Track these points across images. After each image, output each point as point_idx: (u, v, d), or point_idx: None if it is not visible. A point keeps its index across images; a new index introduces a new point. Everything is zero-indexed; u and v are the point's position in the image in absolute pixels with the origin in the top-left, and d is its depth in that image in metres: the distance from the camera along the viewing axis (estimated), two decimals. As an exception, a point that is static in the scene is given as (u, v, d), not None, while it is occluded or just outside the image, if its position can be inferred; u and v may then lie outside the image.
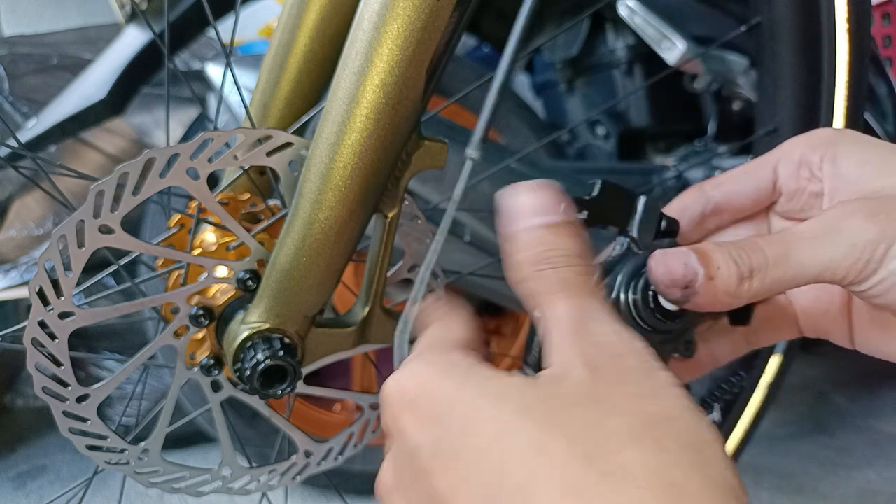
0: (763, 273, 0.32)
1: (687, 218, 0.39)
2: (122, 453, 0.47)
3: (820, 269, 0.32)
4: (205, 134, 0.41)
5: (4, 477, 1.29)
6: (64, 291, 0.41)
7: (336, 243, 0.42)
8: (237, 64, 0.87)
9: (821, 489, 1.10)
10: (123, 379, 0.45)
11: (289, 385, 0.43)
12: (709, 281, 0.32)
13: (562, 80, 1.16)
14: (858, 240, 0.31)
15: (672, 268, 0.32)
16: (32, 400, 1.47)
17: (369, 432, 0.54)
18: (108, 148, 1.33)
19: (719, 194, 0.39)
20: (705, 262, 0.32)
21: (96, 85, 0.78)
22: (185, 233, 0.51)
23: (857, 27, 0.63)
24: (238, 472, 0.51)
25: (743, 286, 0.32)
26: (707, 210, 0.39)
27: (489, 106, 0.39)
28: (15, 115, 1.31)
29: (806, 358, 1.60)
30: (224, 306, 0.46)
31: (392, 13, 0.38)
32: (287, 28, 0.52)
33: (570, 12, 1.08)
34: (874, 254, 0.31)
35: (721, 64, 0.88)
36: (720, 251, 0.32)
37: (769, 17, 0.65)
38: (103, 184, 0.40)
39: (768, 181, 0.39)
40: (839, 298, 0.39)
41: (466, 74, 1.06)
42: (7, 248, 1.25)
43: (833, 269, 0.31)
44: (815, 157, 0.37)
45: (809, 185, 0.37)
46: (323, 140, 0.40)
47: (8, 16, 2.40)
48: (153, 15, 0.80)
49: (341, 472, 1.11)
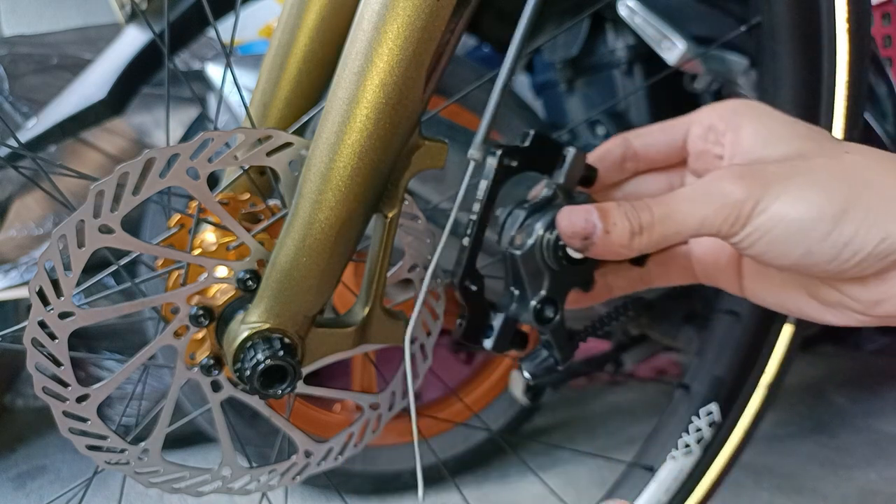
0: (651, 229, 0.37)
1: (609, 160, 0.45)
2: (122, 453, 0.47)
3: (697, 225, 0.37)
4: (205, 134, 0.41)
5: (4, 477, 1.29)
6: (64, 291, 0.41)
7: (336, 243, 0.42)
8: (237, 64, 0.87)
9: (821, 489, 1.10)
10: (123, 379, 0.45)
11: (289, 385, 0.43)
12: (605, 234, 0.37)
13: (562, 80, 1.16)
14: (727, 199, 0.36)
15: (575, 221, 0.38)
16: (32, 400, 1.47)
17: (369, 432, 0.54)
18: (108, 148, 1.33)
19: (638, 143, 0.45)
20: (604, 218, 0.37)
21: (96, 85, 0.78)
22: (185, 233, 0.51)
23: (857, 27, 0.63)
24: (238, 472, 0.51)
25: (634, 240, 0.37)
26: (627, 155, 0.45)
27: (491, 107, 0.39)
28: (15, 115, 1.31)
29: (806, 358, 1.60)
30: (224, 306, 0.45)
31: (392, 13, 0.38)
32: (287, 28, 0.52)
33: (570, 12, 1.08)
34: (742, 210, 0.36)
35: (721, 64, 0.88)
36: (618, 209, 0.38)
37: (769, 17, 0.65)
38: (103, 184, 0.40)
39: (680, 139, 0.44)
40: (729, 251, 0.45)
41: (466, 74, 1.06)
42: (7, 248, 1.25)
43: (708, 224, 0.36)
44: (720, 125, 0.42)
45: (714, 148, 0.43)
46: (323, 140, 0.40)
47: (8, 16, 2.40)
48: (153, 15, 0.80)
49: (341, 472, 1.11)
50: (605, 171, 0.45)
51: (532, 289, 0.42)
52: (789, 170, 0.36)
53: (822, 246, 0.35)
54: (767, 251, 0.36)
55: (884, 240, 0.34)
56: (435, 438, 1.17)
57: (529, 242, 0.41)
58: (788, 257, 0.36)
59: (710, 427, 0.72)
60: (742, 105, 0.42)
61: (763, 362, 0.72)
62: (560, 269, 0.41)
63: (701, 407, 0.72)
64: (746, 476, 1.14)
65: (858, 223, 0.34)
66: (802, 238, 0.35)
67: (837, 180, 0.35)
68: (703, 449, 0.72)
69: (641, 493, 0.72)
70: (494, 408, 1.23)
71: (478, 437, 1.19)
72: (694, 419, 0.72)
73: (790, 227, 0.35)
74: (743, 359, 0.72)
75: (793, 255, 0.36)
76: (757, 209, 0.35)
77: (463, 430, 1.19)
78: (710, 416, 0.72)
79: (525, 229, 0.41)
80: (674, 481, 0.72)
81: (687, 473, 0.72)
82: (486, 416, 1.22)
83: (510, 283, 0.43)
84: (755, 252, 0.37)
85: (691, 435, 0.72)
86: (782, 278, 0.42)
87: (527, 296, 0.42)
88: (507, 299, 0.43)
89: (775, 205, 0.35)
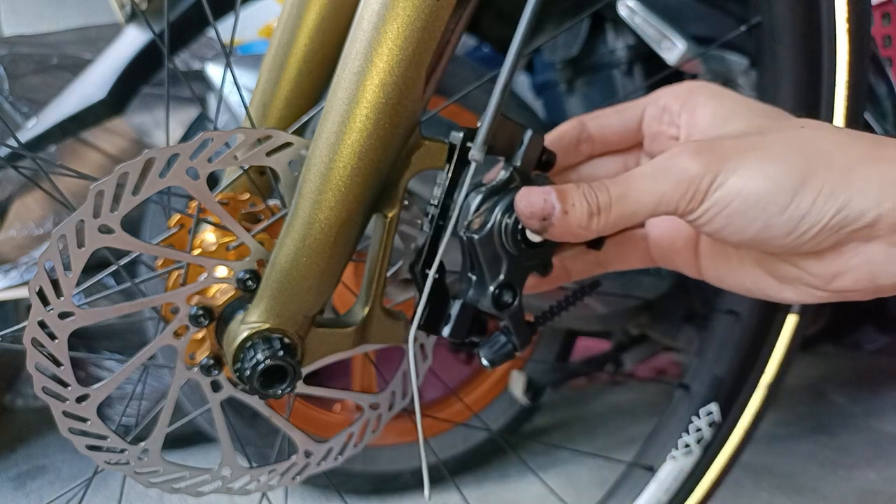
0: (608, 209, 0.37)
1: (565, 142, 0.45)
2: (122, 453, 0.47)
3: (655, 203, 0.36)
4: (205, 134, 0.41)
5: (4, 477, 1.29)
6: (64, 291, 0.41)
7: (336, 243, 0.42)
8: (237, 64, 0.87)
9: (821, 489, 1.10)
10: (123, 379, 0.45)
11: (289, 385, 0.43)
12: (564, 215, 0.37)
13: (562, 80, 1.16)
14: (684, 175, 0.35)
15: (533, 202, 0.37)
16: (32, 400, 1.47)
17: (369, 432, 0.54)
18: (108, 148, 1.33)
19: (593, 126, 0.45)
20: (562, 199, 0.37)
21: (96, 85, 0.78)
22: (185, 233, 0.51)
23: (857, 27, 0.63)
24: (238, 472, 0.51)
25: (592, 221, 0.37)
26: (582, 137, 0.45)
27: (492, 108, 0.39)
28: (15, 115, 1.31)
29: (806, 358, 1.60)
30: (224, 306, 0.45)
31: (392, 13, 0.38)
32: (287, 28, 0.52)
33: (570, 12, 1.08)
34: (699, 186, 0.35)
35: (721, 64, 0.88)
36: (576, 190, 0.37)
37: (769, 17, 0.65)
38: (103, 184, 0.40)
39: (635, 121, 0.44)
40: (686, 232, 0.45)
41: (466, 74, 1.06)
42: (7, 248, 1.25)
43: (666, 201, 0.36)
44: (675, 105, 0.42)
45: (668, 129, 0.43)
46: (323, 140, 0.40)
47: (8, 16, 2.40)
48: (153, 15, 0.80)
49: (341, 472, 1.11)
50: (562, 154, 0.45)
51: (490, 274, 0.41)
52: (746, 144, 0.36)
53: (779, 219, 0.35)
54: (725, 226, 0.36)
55: (839, 210, 0.34)
56: (435, 438, 1.17)
57: (488, 226, 0.40)
58: (746, 232, 0.36)
59: (710, 427, 0.72)
60: (698, 86, 0.42)
61: (763, 362, 0.72)
62: (518, 254, 0.41)
63: (701, 407, 0.72)
64: (746, 476, 1.14)
65: (815, 195, 0.34)
66: (760, 212, 0.35)
67: (794, 153, 0.35)
68: (703, 449, 0.72)
69: (641, 493, 0.72)
70: (494, 408, 1.23)
71: (478, 437, 1.19)
72: (694, 419, 0.72)
73: (748, 201, 0.35)
74: (743, 359, 0.72)
75: (750, 229, 0.36)
76: (714, 184, 0.35)
77: (463, 430, 1.19)
78: (710, 416, 0.72)
79: (483, 213, 0.41)
80: (674, 481, 0.72)
81: (687, 473, 0.72)
82: (486, 416, 1.22)
83: (468, 269, 0.42)
84: (713, 228, 0.37)
85: (691, 435, 0.72)
86: (739, 257, 0.42)
87: (485, 281, 0.41)
88: (465, 285, 0.42)
89: (732, 178, 0.35)
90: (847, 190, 0.34)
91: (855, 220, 0.34)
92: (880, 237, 0.35)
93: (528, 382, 1.15)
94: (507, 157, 0.42)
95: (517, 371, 1.17)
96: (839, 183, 0.34)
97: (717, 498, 0.74)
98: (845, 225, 0.34)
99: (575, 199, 0.37)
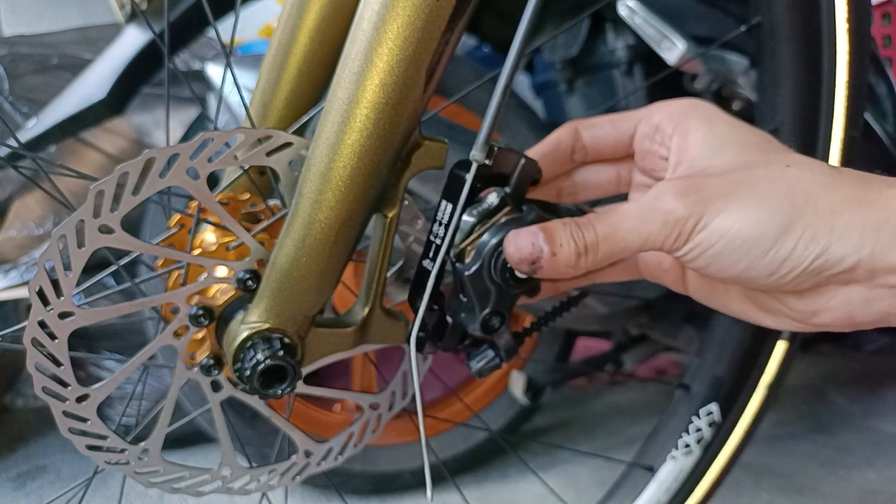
0: (596, 248, 0.38)
1: (560, 153, 0.46)
2: (122, 453, 0.47)
3: (641, 243, 0.37)
4: (205, 134, 0.41)
5: (4, 477, 1.29)
6: (64, 291, 0.41)
7: (336, 243, 0.42)
8: (237, 64, 0.87)
9: (821, 489, 1.10)
10: (123, 379, 0.45)
11: (289, 385, 0.43)
12: (552, 257, 0.38)
13: (562, 80, 1.16)
14: (670, 217, 0.36)
15: (522, 247, 0.38)
16: (32, 400, 1.47)
17: (369, 432, 0.54)
18: (108, 148, 1.33)
19: (587, 136, 0.46)
20: (550, 241, 0.38)
21: (96, 85, 0.78)
22: (185, 233, 0.51)
23: (857, 27, 0.63)
24: (238, 472, 0.51)
25: (580, 260, 0.38)
26: (576, 147, 0.46)
27: (493, 108, 0.39)
28: (15, 115, 1.31)
29: (806, 358, 1.60)
30: (224, 306, 0.45)
31: (392, 13, 0.38)
32: (287, 28, 0.52)
33: (570, 12, 1.08)
34: (684, 227, 0.36)
35: (721, 64, 0.88)
36: (563, 230, 0.38)
37: (769, 17, 0.65)
38: (103, 184, 0.40)
39: (627, 136, 0.45)
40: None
41: (466, 74, 1.06)
42: (7, 248, 1.25)
43: (651, 241, 0.37)
44: (668, 127, 0.42)
45: (659, 149, 0.43)
46: (323, 140, 0.40)
47: (8, 16, 2.40)
48: (153, 15, 0.80)
49: (341, 472, 1.11)
50: (555, 162, 0.45)
51: (479, 305, 0.42)
52: (731, 185, 0.36)
53: (761, 262, 0.36)
54: (709, 265, 0.37)
55: (819, 255, 0.35)
56: (435, 438, 1.17)
57: (476, 266, 0.41)
58: (729, 271, 0.37)
59: (710, 427, 0.72)
60: (692, 107, 0.42)
61: (763, 362, 0.72)
62: (507, 287, 0.42)
63: (701, 407, 0.72)
64: (746, 476, 1.14)
65: (796, 240, 0.35)
66: (743, 254, 0.36)
67: (779, 195, 0.35)
68: (703, 449, 0.72)
69: (641, 493, 0.72)
70: (494, 408, 1.23)
71: (478, 437, 1.19)
72: (694, 419, 0.72)
73: (731, 244, 0.36)
74: (743, 359, 0.72)
75: (733, 269, 0.36)
76: (699, 225, 0.36)
77: (463, 430, 1.19)
78: (710, 416, 0.72)
79: (475, 245, 0.41)
80: (674, 481, 0.72)
81: (687, 473, 0.72)
82: (486, 416, 1.22)
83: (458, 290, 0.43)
84: (697, 266, 0.37)
85: (691, 435, 0.72)
86: (725, 286, 0.43)
87: (474, 310, 0.42)
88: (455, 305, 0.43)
89: (716, 220, 0.36)
90: (828, 236, 0.35)
91: (834, 266, 0.35)
92: (858, 281, 0.36)
93: (528, 382, 1.15)
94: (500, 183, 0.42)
95: (517, 371, 1.17)
96: (821, 228, 0.35)
97: (717, 498, 0.74)
98: (825, 269, 0.35)
99: (563, 240, 0.38)
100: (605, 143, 0.46)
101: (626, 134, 0.45)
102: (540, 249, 0.38)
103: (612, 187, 0.48)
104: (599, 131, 0.45)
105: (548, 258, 0.37)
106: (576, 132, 0.46)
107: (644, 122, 0.44)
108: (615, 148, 0.46)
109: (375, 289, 0.45)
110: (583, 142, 0.46)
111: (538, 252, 0.38)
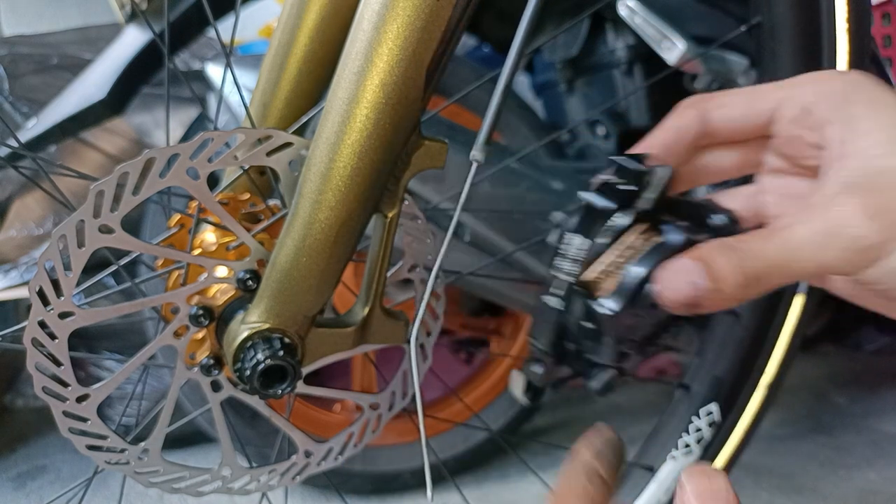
0: (767, 279, 0.32)
1: (684, 144, 0.39)
2: (122, 453, 0.47)
3: (815, 270, 0.32)
4: (205, 134, 0.41)
5: (4, 477, 1.29)
6: (64, 291, 0.41)
7: (336, 243, 0.42)
8: (237, 64, 0.87)
9: (821, 489, 1.10)
10: (123, 379, 0.45)
11: (289, 385, 0.43)
12: (715, 293, 0.31)
13: (562, 80, 1.16)
14: (856, 245, 0.31)
15: (680, 288, 0.32)
16: (32, 400, 1.47)
17: (369, 432, 0.54)
18: (108, 148, 1.33)
19: (717, 117, 0.39)
20: (711, 276, 0.31)
21: (96, 85, 0.78)
22: (185, 233, 0.51)
23: (857, 27, 0.63)
24: (238, 472, 0.51)
25: (747, 292, 0.32)
26: (703, 131, 0.39)
27: (493, 108, 0.39)
28: (15, 115, 1.31)
29: (806, 358, 1.60)
30: (224, 306, 0.45)
31: (392, 13, 0.38)
32: (287, 28, 0.52)
33: (570, 12, 1.08)
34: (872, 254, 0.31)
35: (721, 64, 0.88)
36: (727, 261, 0.32)
37: (769, 17, 0.65)
38: (103, 184, 0.40)
39: (765, 116, 0.38)
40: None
41: (466, 74, 1.06)
42: (7, 248, 1.25)
43: (828, 268, 0.32)
44: (822, 110, 0.35)
45: (809, 135, 0.36)
46: (323, 140, 0.40)
47: (8, 16, 2.40)
48: (153, 15, 0.80)
49: (341, 472, 1.11)
50: (677, 154, 0.39)
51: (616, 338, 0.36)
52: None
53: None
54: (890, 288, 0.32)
55: None
56: (435, 438, 1.17)
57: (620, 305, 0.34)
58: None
59: (710, 427, 0.72)
60: (852, 89, 0.34)
61: (763, 362, 0.72)
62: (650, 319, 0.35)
63: (701, 407, 0.72)
64: (746, 476, 1.14)
65: None
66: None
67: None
68: (703, 449, 0.72)
69: (641, 493, 0.72)
70: (494, 408, 1.23)
71: (478, 437, 1.19)
72: (694, 419, 0.72)
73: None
74: (743, 359, 0.72)
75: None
76: (887, 249, 0.31)
77: (463, 430, 1.19)
78: (710, 416, 0.72)
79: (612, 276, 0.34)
80: (674, 481, 0.72)
81: (687, 473, 0.72)
82: (486, 416, 1.22)
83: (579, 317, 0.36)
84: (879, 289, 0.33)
85: (691, 435, 0.72)
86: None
87: (605, 341, 0.36)
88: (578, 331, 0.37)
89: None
90: None
91: None
92: None
93: (528, 382, 1.15)
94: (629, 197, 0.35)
95: (517, 371, 1.17)
96: None
97: (717, 498, 0.74)
98: None
99: (727, 272, 0.32)
100: (738, 125, 0.39)
101: (764, 115, 0.38)
102: (703, 288, 0.31)
103: (736, 171, 0.41)
104: (734, 112, 0.39)
105: (709, 296, 0.31)
106: (701, 116, 0.39)
107: (788, 105, 0.37)
108: (746, 130, 0.39)
109: (375, 289, 0.45)
110: (711, 126, 0.39)
111: (701, 291, 0.31)
